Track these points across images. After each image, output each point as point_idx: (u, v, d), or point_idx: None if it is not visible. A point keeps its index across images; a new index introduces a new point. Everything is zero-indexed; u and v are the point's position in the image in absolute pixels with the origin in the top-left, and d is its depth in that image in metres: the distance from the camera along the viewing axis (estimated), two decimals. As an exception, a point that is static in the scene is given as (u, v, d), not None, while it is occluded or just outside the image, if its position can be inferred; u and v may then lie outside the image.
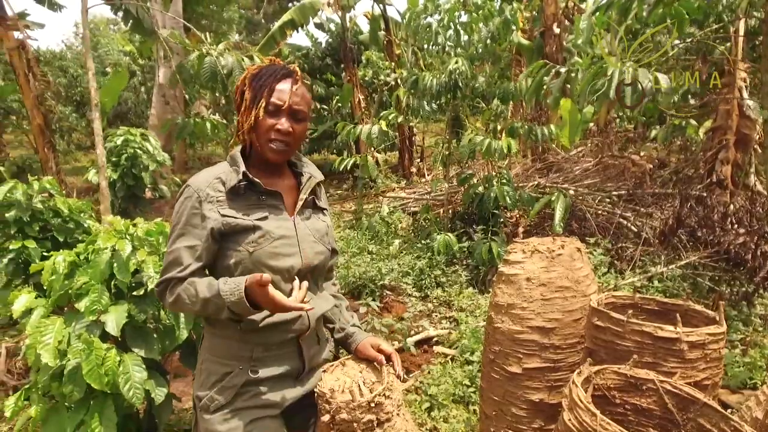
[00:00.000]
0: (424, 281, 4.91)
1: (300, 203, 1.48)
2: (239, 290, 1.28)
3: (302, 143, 1.49)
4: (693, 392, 1.34)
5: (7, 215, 3.29)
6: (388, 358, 1.54)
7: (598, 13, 3.40)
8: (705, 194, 4.49)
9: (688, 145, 6.20)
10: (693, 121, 5.64)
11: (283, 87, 1.40)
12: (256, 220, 1.39)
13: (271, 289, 1.25)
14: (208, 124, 5.26)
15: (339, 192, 10.70)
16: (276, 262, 1.38)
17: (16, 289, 3.05)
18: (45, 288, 2.05)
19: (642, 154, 6.49)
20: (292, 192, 1.52)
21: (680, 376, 1.46)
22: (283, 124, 1.40)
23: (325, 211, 1.59)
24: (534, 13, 8.53)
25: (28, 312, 2.00)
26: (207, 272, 1.44)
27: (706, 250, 4.18)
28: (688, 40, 5.25)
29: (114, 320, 1.83)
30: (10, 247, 3.28)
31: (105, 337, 1.87)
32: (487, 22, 5.81)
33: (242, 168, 1.40)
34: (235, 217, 1.37)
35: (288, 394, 1.46)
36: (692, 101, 5.80)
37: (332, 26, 13.32)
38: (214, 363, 1.45)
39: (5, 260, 3.30)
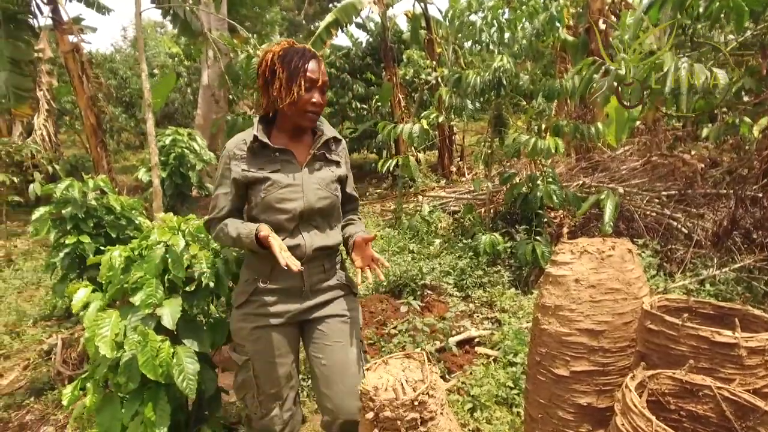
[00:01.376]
0: (465, 281, 4.87)
1: (309, 157, 1.80)
2: (251, 237, 1.67)
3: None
4: (753, 400, 1.29)
5: (63, 211, 3.44)
6: (374, 260, 1.81)
7: (652, 10, 3.29)
8: (761, 195, 4.31)
9: (742, 144, 5.95)
10: (747, 119, 5.41)
11: (314, 67, 1.72)
12: (270, 172, 1.75)
13: (271, 238, 1.63)
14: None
15: (378, 191, 10.72)
16: (282, 205, 1.74)
17: (71, 283, 3.19)
18: (100, 282, 2.12)
19: (693, 153, 6.26)
20: (308, 148, 1.85)
21: (739, 383, 1.41)
22: (317, 98, 1.74)
23: (339, 164, 1.89)
24: (579, 9, 8.34)
25: (86, 305, 2.09)
26: (240, 211, 1.85)
27: (762, 253, 4.01)
28: (746, 34, 5.04)
29: (169, 314, 1.89)
30: (66, 242, 3.43)
31: (157, 330, 1.93)
32: (532, 18, 5.72)
33: (255, 132, 1.75)
34: (251, 171, 1.75)
35: (292, 307, 1.82)
36: (746, 98, 5.56)
37: (372, 25, 13.36)
38: (244, 272, 1.89)
39: (61, 254, 3.46)
